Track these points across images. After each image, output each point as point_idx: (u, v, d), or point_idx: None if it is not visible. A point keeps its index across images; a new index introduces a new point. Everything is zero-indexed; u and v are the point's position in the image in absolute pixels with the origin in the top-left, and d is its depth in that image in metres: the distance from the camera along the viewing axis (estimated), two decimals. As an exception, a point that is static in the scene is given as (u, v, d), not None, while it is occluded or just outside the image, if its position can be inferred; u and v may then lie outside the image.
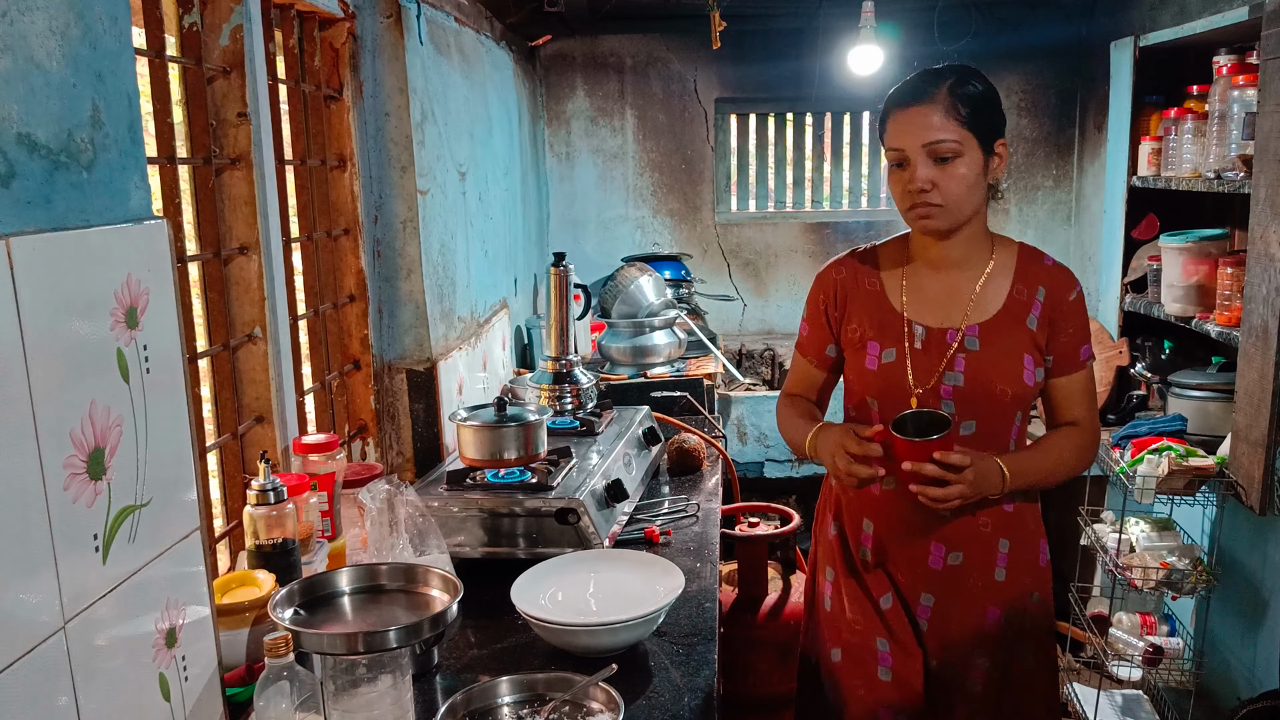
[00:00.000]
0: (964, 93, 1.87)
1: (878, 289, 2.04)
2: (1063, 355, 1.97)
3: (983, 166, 1.89)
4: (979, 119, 1.87)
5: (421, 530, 1.95)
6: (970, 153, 1.86)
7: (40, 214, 1.10)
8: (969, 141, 1.85)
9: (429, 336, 2.70)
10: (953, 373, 1.94)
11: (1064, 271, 2.00)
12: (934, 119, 1.85)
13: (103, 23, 1.22)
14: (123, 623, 1.21)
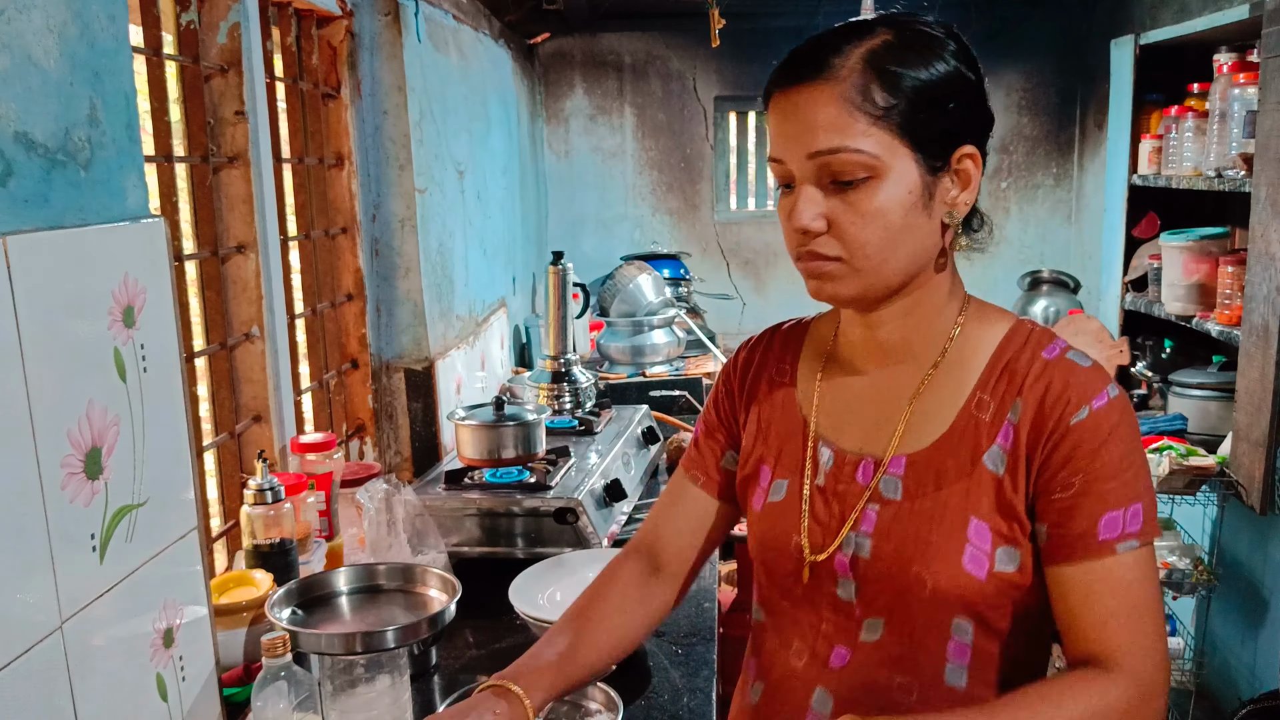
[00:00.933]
0: (892, 65, 1.09)
1: (787, 383, 1.34)
2: (1063, 525, 1.10)
3: (922, 195, 1.12)
4: (918, 113, 1.10)
5: (419, 530, 1.95)
6: (898, 172, 1.10)
7: (37, 212, 1.10)
8: (895, 152, 1.10)
9: (427, 335, 2.69)
10: (857, 534, 1.19)
11: (1073, 372, 1.13)
12: (828, 112, 1.10)
13: (100, 21, 1.22)
14: (120, 623, 1.21)
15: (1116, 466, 1.09)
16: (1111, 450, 1.09)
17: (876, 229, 1.10)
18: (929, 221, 1.13)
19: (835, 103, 1.09)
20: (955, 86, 1.12)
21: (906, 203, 1.11)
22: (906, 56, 1.10)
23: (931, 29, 1.14)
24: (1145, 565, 1.09)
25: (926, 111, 1.10)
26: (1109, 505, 1.09)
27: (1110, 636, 1.08)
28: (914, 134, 1.10)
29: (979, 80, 1.15)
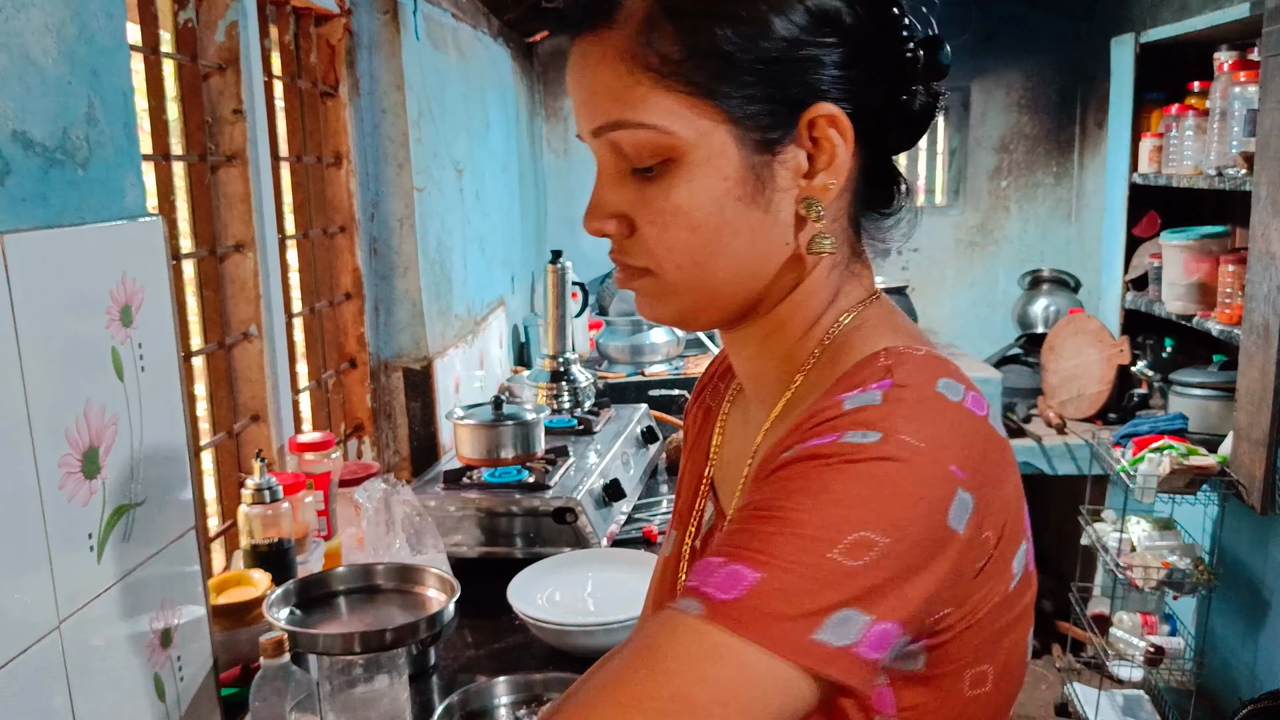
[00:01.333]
0: (685, 3, 0.79)
1: (710, 419, 1.09)
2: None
3: (747, 181, 0.81)
4: (731, 67, 0.79)
5: (418, 529, 1.95)
6: (705, 152, 0.80)
7: (35, 211, 1.09)
8: (698, 124, 0.80)
9: (425, 334, 2.69)
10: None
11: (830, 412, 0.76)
12: (604, 73, 0.82)
13: (98, 19, 1.21)
14: (118, 622, 1.21)
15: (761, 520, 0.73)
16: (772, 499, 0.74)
17: (680, 231, 0.82)
18: (766, 216, 0.82)
19: (613, 59, 0.80)
20: (798, 23, 0.79)
21: (721, 193, 0.81)
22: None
23: None
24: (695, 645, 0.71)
25: (744, 64, 0.78)
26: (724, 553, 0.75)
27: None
28: (726, 97, 0.79)
29: (855, 7, 0.82)
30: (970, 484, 0.73)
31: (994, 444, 0.78)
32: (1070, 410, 4.15)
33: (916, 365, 0.79)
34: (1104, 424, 4.03)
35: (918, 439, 0.72)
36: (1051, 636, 4.34)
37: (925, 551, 0.71)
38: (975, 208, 5.03)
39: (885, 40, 0.85)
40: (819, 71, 0.81)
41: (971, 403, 0.77)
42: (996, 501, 0.76)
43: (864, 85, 0.83)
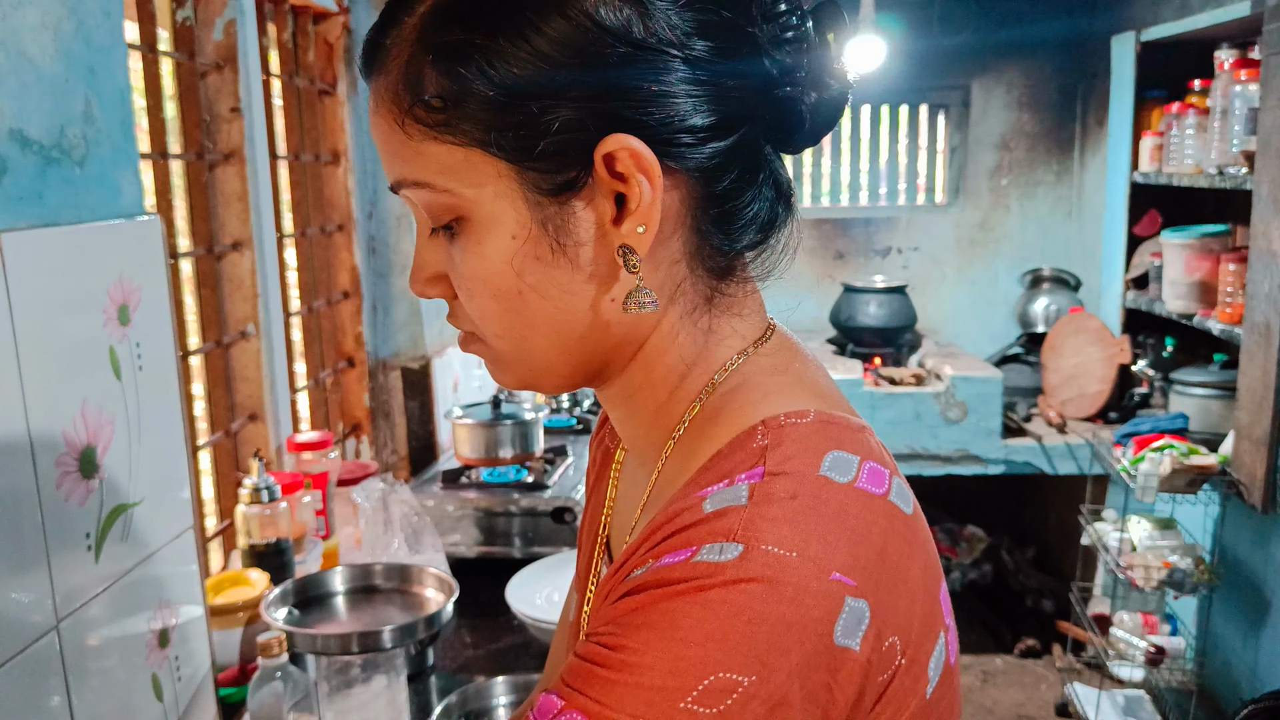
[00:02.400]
0: (450, 34, 0.67)
1: (609, 454, 0.96)
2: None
3: (538, 234, 0.69)
4: (500, 109, 0.67)
5: (416, 529, 1.94)
6: (490, 206, 0.69)
7: (32, 210, 1.09)
8: (476, 177, 0.69)
9: (424, 333, 2.68)
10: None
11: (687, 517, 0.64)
12: (380, 125, 0.72)
13: (95, 17, 1.21)
14: (115, 622, 1.20)
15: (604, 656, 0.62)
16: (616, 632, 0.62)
17: (485, 299, 0.72)
18: (575, 273, 0.70)
19: (385, 110, 0.70)
20: (572, 44, 0.65)
21: (511, 253, 0.70)
22: (476, 13, 0.67)
23: None
24: None
25: (511, 104, 0.66)
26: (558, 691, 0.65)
27: None
28: (497, 145, 0.67)
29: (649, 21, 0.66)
30: (863, 589, 0.61)
31: (895, 528, 0.65)
32: (1071, 409, 4.14)
33: (799, 442, 0.66)
34: (1105, 423, 4.02)
35: (787, 548, 0.60)
36: (1052, 636, 4.34)
37: (808, 682, 0.59)
38: (975, 206, 5.02)
39: (703, 47, 0.67)
40: (609, 99, 0.66)
41: (868, 478, 0.66)
42: (902, 600, 0.64)
43: (680, 105, 0.67)
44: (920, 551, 0.67)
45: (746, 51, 0.68)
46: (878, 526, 0.64)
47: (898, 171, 5.10)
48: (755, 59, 0.69)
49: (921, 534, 0.68)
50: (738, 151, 0.71)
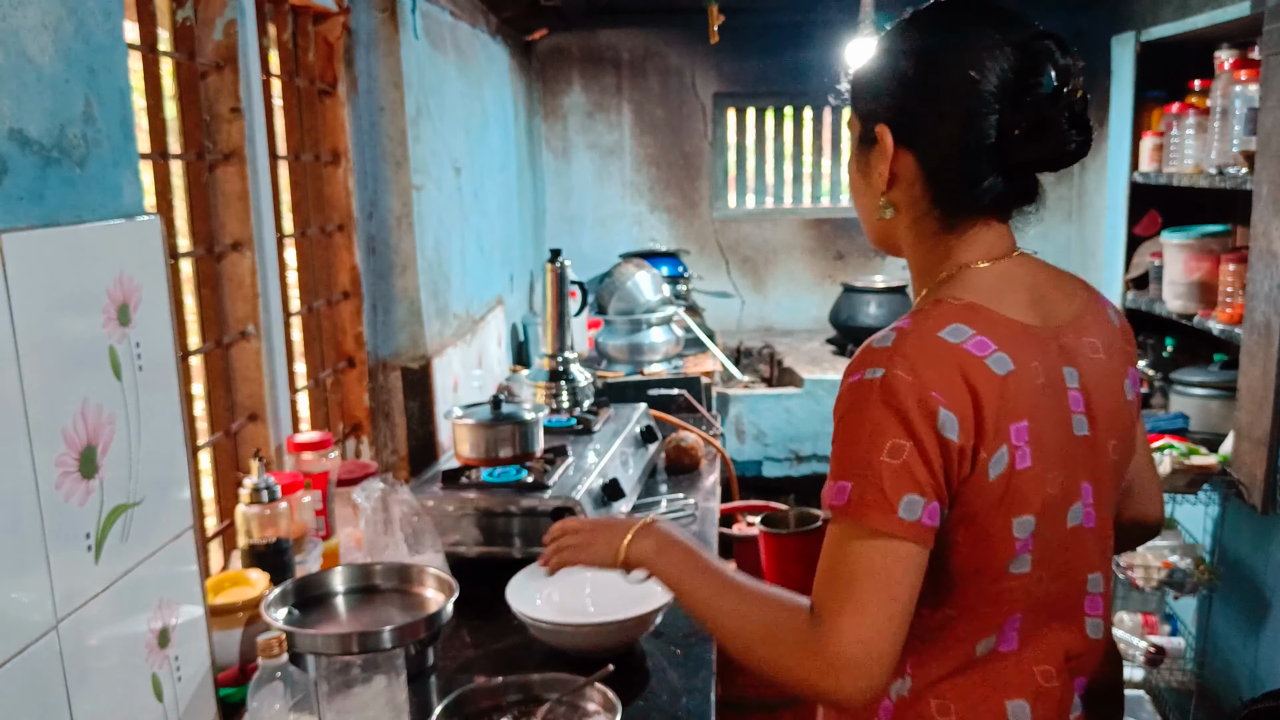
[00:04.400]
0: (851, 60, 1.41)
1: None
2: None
3: (859, 160, 1.33)
4: (854, 94, 1.35)
5: (416, 529, 1.94)
6: (851, 142, 1.35)
7: (32, 210, 1.09)
8: (854, 124, 1.34)
9: (424, 333, 2.68)
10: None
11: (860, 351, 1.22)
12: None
13: (95, 17, 1.22)
14: (115, 622, 1.21)
15: (837, 443, 1.16)
16: (837, 428, 1.17)
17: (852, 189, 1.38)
18: (868, 185, 1.32)
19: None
20: (881, 74, 1.29)
21: (851, 167, 1.36)
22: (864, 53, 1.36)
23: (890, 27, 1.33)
24: (836, 536, 1.15)
25: (858, 92, 1.33)
26: (830, 476, 1.16)
27: (814, 587, 1.16)
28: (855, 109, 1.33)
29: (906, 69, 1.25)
30: (950, 406, 1.11)
31: (981, 375, 1.13)
32: (1070, 409, 4.14)
33: (940, 315, 1.18)
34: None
35: (906, 373, 1.12)
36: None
37: (934, 442, 1.11)
38: (975, 206, 5.02)
39: (914, 85, 1.25)
40: (885, 99, 1.27)
41: (973, 345, 1.14)
42: (970, 419, 1.12)
43: (898, 115, 1.26)
44: (1003, 393, 1.13)
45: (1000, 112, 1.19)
46: (967, 371, 1.12)
47: (897, 171, 5.09)
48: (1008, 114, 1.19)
49: (1011, 387, 1.14)
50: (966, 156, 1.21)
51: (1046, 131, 1.17)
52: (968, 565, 1.18)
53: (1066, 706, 1.24)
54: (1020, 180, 1.23)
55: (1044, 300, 1.27)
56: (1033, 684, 1.22)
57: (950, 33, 1.22)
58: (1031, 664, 1.22)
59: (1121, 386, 1.29)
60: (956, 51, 1.19)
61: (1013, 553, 1.17)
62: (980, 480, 1.13)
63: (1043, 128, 1.16)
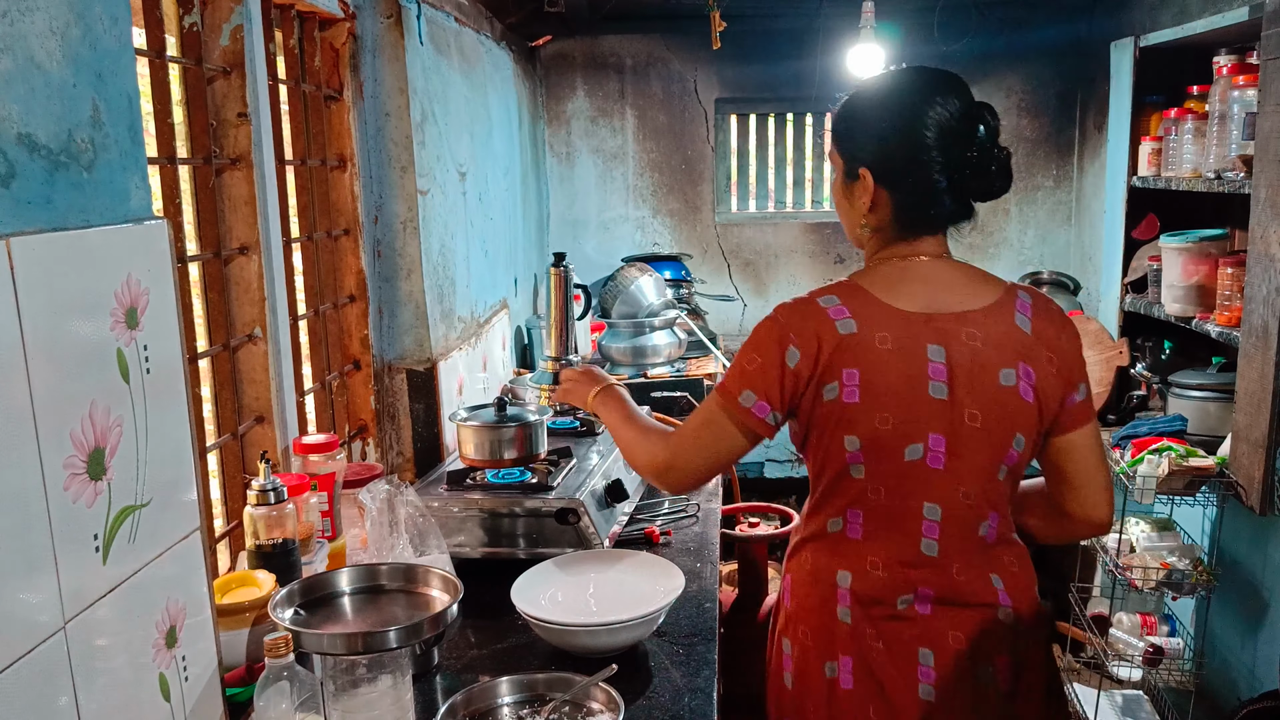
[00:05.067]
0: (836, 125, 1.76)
1: None
2: None
3: (844, 190, 1.73)
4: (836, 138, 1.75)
5: (421, 530, 1.95)
6: (835, 177, 1.76)
7: (40, 214, 1.10)
8: (839, 164, 1.74)
9: (429, 336, 2.70)
10: None
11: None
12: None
13: (103, 23, 1.22)
14: (123, 623, 1.21)
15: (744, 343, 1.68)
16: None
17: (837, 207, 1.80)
18: (851, 209, 1.72)
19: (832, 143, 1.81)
20: (864, 129, 1.69)
21: (837, 193, 1.77)
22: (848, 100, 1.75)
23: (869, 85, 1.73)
24: (706, 400, 1.70)
25: (843, 137, 1.73)
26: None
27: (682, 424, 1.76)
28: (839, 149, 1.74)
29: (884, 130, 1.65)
30: (798, 345, 1.60)
31: (827, 330, 1.59)
32: (1071, 412, 4.14)
33: (828, 289, 1.66)
34: (1103, 425, 4.03)
35: (780, 317, 1.65)
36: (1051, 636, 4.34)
37: (775, 368, 1.61)
38: (975, 210, 5.03)
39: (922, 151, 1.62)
40: (868, 151, 1.67)
41: (833, 312, 1.61)
42: (814, 357, 1.59)
43: (898, 167, 1.64)
44: (837, 344, 1.59)
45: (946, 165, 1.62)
46: (818, 327, 1.60)
47: (898, 175, 5.11)
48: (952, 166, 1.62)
49: (848, 344, 1.58)
50: (920, 193, 1.64)
51: (983, 174, 1.60)
52: (820, 462, 1.66)
53: (893, 597, 1.64)
54: (961, 206, 1.66)
55: (936, 294, 1.63)
56: (860, 565, 1.65)
57: (920, 102, 1.61)
58: (865, 553, 1.65)
59: (997, 375, 1.59)
60: (922, 119, 1.59)
61: (845, 461, 1.62)
62: (818, 400, 1.60)
63: (980, 171, 1.60)
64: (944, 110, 1.59)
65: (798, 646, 1.71)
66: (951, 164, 1.59)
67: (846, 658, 1.65)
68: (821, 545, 1.69)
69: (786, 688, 1.73)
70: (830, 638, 1.66)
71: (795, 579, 1.74)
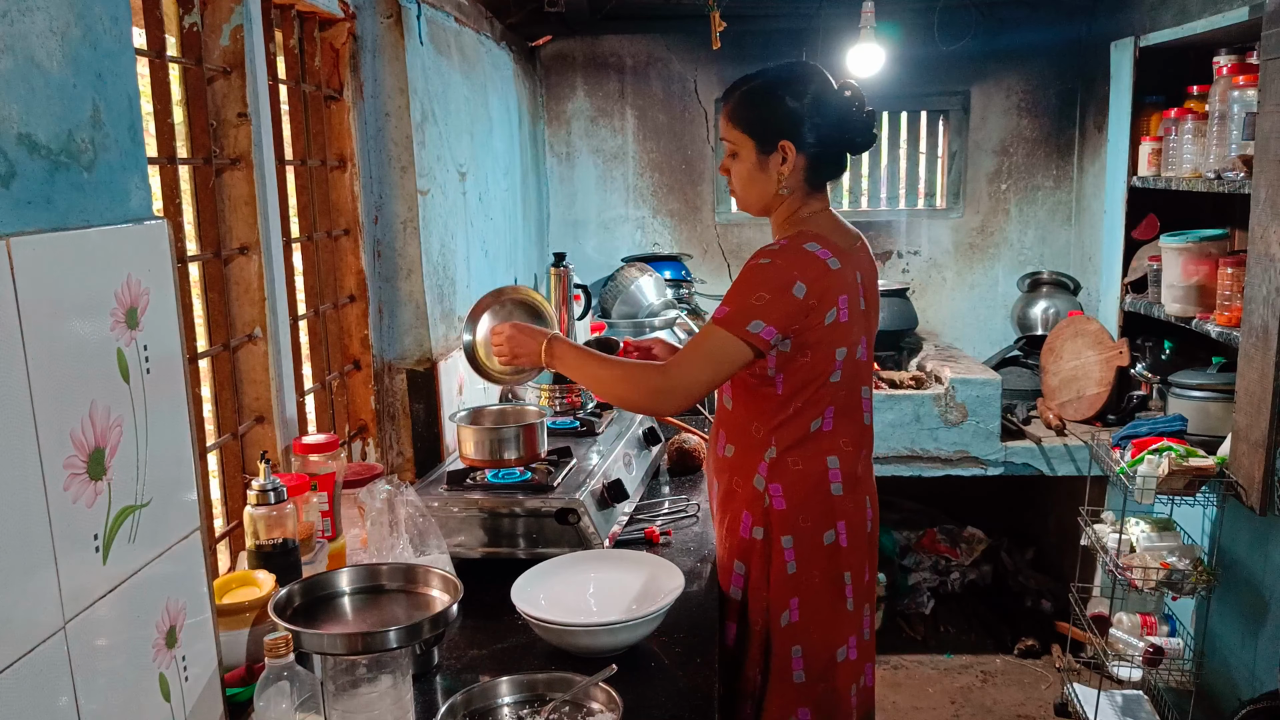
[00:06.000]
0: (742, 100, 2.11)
1: None
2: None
3: (759, 163, 2.08)
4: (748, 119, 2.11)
5: (421, 530, 1.95)
6: (743, 153, 2.10)
7: (41, 214, 1.10)
8: (745, 142, 2.09)
9: (429, 336, 2.70)
10: None
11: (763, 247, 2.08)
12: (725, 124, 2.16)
13: (103, 23, 1.22)
14: (123, 623, 1.21)
15: (732, 291, 1.99)
16: (734, 284, 2.00)
17: (740, 181, 2.14)
18: (767, 179, 2.09)
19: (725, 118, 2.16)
20: (781, 109, 2.07)
21: (750, 167, 2.10)
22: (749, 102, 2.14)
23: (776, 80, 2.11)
24: (706, 331, 1.99)
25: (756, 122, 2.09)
26: (721, 304, 1.99)
27: (677, 355, 2.05)
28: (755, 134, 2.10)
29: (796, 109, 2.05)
30: (805, 280, 1.95)
31: (821, 269, 1.97)
32: (1070, 412, 4.15)
33: (802, 236, 2.02)
34: (1103, 426, 4.03)
35: (777, 260, 1.98)
36: (1051, 637, 4.35)
37: (785, 300, 1.95)
38: (975, 211, 5.03)
39: (823, 120, 2.06)
40: (786, 126, 2.06)
41: (820, 253, 1.99)
42: (818, 289, 1.96)
43: (809, 135, 2.06)
44: (830, 278, 1.99)
45: (838, 128, 2.08)
46: (816, 265, 1.98)
47: (899, 176, 5.11)
48: (842, 128, 2.09)
49: (837, 277, 2.00)
50: (824, 152, 2.08)
51: (865, 131, 2.10)
52: (811, 374, 2.03)
53: (856, 462, 2.13)
54: (844, 163, 2.15)
55: (845, 234, 2.11)
56: (839, 449, 2.10)
57: (822, 86, 2.06)
58: (839, 438, 2.10)
59: (876, 286, 2.17)
60: (829, 96, 2.06)
61: (833, 369, 2.05)
62: (820, 325, 1.98)
63: (862, 134, 2.10)
64: (830, 85, 2.07)
65: (798, 535, 2.07)
66: (845, 125, 2.07)
67: (841, 522, 2.09)
68: (807, 444, 2.08)
69: (789, 574, 2.07)
70: (829, 511, 2.08)
71: (786, 482, 2.07)
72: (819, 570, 2.08)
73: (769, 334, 1.94)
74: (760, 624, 2.10)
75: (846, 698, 2.15)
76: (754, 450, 2.10)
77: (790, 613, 2.08)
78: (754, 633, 2.11)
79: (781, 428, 2.07)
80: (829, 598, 2.10)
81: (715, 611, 2.05)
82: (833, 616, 2.11)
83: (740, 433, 2.13)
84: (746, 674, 2.13)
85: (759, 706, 2.13)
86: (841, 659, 2.13)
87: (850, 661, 2.15)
